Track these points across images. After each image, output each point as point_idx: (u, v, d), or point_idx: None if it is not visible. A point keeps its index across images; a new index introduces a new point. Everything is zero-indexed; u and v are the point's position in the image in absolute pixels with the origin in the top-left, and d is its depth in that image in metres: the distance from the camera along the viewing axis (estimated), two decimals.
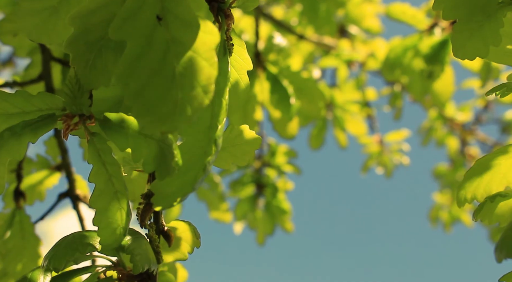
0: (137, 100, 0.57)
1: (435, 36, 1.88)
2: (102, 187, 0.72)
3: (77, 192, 1.32)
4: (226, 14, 0.74)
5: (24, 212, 1.28)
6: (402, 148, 3.07)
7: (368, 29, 2.77)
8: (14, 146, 0.70)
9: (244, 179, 2.51)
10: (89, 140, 0.73)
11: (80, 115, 0.73)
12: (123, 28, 0.59)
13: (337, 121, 2.70)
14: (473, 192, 0.80)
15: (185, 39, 0.58)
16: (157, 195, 0.65)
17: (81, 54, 0.67)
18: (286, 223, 2.50)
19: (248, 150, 0.82)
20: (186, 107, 0.56)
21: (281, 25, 2.61)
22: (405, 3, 1.97)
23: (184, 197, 0.65)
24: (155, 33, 0.59)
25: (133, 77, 0.57)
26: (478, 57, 0.78)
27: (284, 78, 1.70)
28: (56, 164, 1.37)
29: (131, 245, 0.71)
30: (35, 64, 1.41)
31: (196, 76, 0.57)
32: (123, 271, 0.76)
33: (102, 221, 0.71)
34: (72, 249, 0.71)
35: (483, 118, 3.33)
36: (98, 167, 0.72)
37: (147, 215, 0.76)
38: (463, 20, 0.76)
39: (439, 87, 1.97)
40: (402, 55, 1.96)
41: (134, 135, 0.70)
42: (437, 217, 3.52)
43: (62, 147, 1.32)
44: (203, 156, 0.65)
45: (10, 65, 2.81)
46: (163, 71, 0.57)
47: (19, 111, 0.72)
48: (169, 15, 0.59)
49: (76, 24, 0.66)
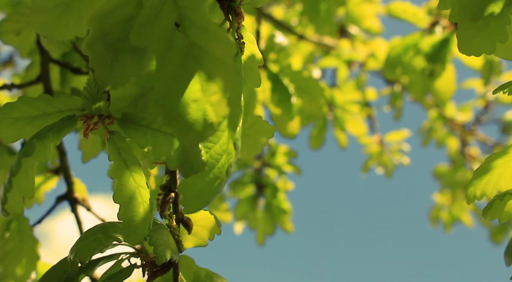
0: (162, 104, 0.59)
1: (436, 35, 1.88)
2: (124, 183, 0.73)
3: (76, 195, 1.32)
4: (236, 12, 0.74)
5: (22, 214, 1.28)
6: (402, 148, 3.07)
7: (368, 29, 2.77)
8: (41, 150, 0.72)
9: (244, 179, 2.51)
10: (109, 139, 0.75)
11: (99, 115, 0.76)
12: (142, 34, 0.62)
13: (337, 121, 2.70)
14: (483, 189, 0.81)
15: (203, 45, 0.60)
16: (185, 197, 0.68)
17: (100, 56, 0.69)
18: (286, 223, 2.50)
19: (262, 139, 0.84)
20: (210, 112, 0.58)
21: (281, 25, 2.61)
22: (406, 2, 1.96)
23: (211, 198, 0.67)
24: (174, 38, 0.61)
25: (156, 82, 0.59)
26: (483, 54, 0.78)
27: (285, 77, 1.69)
28: (54, 167, 1.37)
29: (153, 237, 0.73)
30: (35, 65, 1.41)
31: (217, 80, 0.59)
32: (146, 258, 0.79)
33: (126, 216, 0.72)
34: (97, 242, 0.73)
35: (483, 118, 3.33)
36: (119, 164, 0.74)
37: (167, 206, 0.78)
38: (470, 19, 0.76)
39: (440, 85, 1.97)
40: (403, 54, 1.95)
41: (154, 132, 0.72)
42: (437, 217, 3.52)
43: (60, 150, 1.32)
44: (224, 155, 0.67)
45: (10, 65, 2.81)
46: (185, 75, 0.59)
47: (41, 113, 0.75)
48: (186, 22, 0.61)
49: (94, 26, 0.68)
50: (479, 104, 3.34)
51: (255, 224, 2.54)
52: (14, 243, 1.24)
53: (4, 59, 2.81)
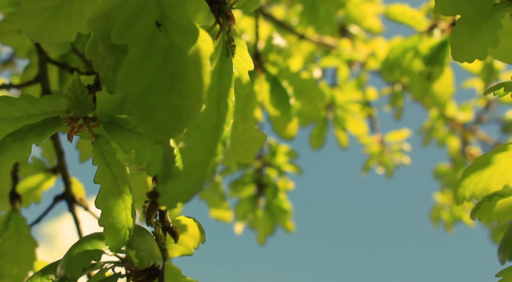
0: (138, 104, 0.57)
1: (434, 38, 1.88)
2: (107, 188, 0.72)
3: (73, 195, 1.32)
4: (227, 15, 0.74)
5: (20, 214, 1.28)
6: (403, 148, 3.07)
7: (369, 28, 2.76)
8: (18, 149, 0.71)
9: (244, 179, 2.51)
10: (94, 142, 0.74)
11: (84, 117, 0.74)
12: (124, 32, 0.60)
13: (337, 121, 2.70)
14: (472, 190, 0.81)
15: (183, 46, 0.59)
16: (163, 196, 0.66)
17: (102, 59, 0.69)
18: (287, 223, 2.50)
19: (252, 147, 0.82)
20: (181, 115, 0.57)
21: (282, 25, 2.61)
22: (405, 4, 1.96)
23: (189, 198, 0.65)
24: (155, 38, 0.59)
25: (135, 82, 0.58)
26: (476, 60, 0.78)
27: (283, 79, 1.69)
28: (52, 167, 1.37)
29: (136, 241, 0.73)
30: (33, 65, 1.41)
31: (193, 84, 0.58)
32: (131, 267, 0.77)
33: (108, 222, 0.72)
34: (87, 257, 0.72)
35: (484, 117, 3.32)
36: (103, 168, 0.73)
37: (153, 213, 0.77)
38: (462, 20, 0.76)
39: (438, 88, 1.97)
40: (402, 56, 1.95)
41: (138, 137, 0.71)
42: (438, 217, 3.52)
43: (58, 150, 1.32)
44: (209, 157, 0.65)
45: (11, 66, 2.81)
46: (163, 76, 0.58)
47: (24, 114, 0.73)
48: (168, 22, 0.60)
49: (93, 28, 0.67)
50: (480, 104, 3.34)
51: (255, 224, 2.54)
52: (11, 243, 1.24)
53: (4, 59, 2.82)
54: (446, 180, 3.47)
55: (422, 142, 3.29)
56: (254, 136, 0.82)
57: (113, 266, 0.78)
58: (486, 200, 0.79)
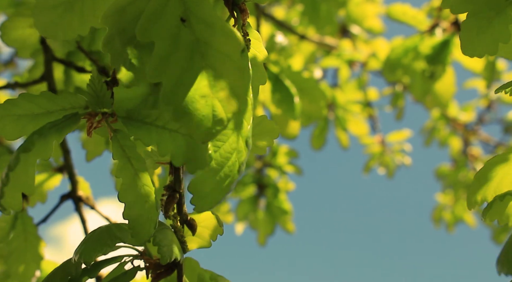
0: (171, 101, 0.58)
1: (436, 37, 1.87)
2: (129, 182, 0.72)
3: (79, 194, 1.31)
4: (241, 8, 0.74)
5: (26, 213, 1.27)
6: (404, 148, 3.06)
7: (370, 29, 2.76)
8: (42, 147, 0.71)
9: (245, 180, 2.51)
10: (113, 137, 0.74)
11: (102, 113, 0.74)
12: (148, 29, 0.61)
13: (338, 121, 2.69)
14: (483, 194, 0.80)
15: (209, 40, 0.60)
16: (195, 197, 0.67)
17: (118, 54, 0.68)
18: (287, 224, 2.50)
19: (267, 140, 0.82)
20: (218, 108, 0.58)
21: (283, 25, 2.61)
22: (406, 4, 1.96)
23: (222, 197, 0.66)
24: (181, 34, 0.60)
25: (163, 78, 0.59)
26: (487, 55, 0.77)
27: (285, 78, 1.69)
28: (58, 166, 1.36)
29: (158, 237, 0.73)
30: (38, 65, 1.40)
31: (225, 76, 0.59)
32: (149, 260, 0.78)
33: (132, 215, 0.72)
34: (101, 243, 0.72)
35: (486, 118, 3.33)
36: (123, 163, 0.73)
37: (171, 206, 0.78)
38: (472, 15, 0.75)
39: (440, 88, 1.97)
40: (403, 56, 1.95)
41: (158, 130, 0.71)
42: (440, 217, 3.52)
43: (64, 148, 1.32)
44: (235, 153, 0.66)
45: (12, 66, 2.80)
46: (192, 71, 0.58)
47: (44, 111, 0.73)
48: (192, 17, 0.61)
49: (109, 23, 0.67)
50: (481, 104, 3.34)
51: (256, 225, 2.54)
52: (18, 242, 1.24)
53: (5, 59, 2.81)
54: (448, 180, 3.47)
55: (423, 142, 3.29)
56: (268, 128, 0.82)
57: (132, 259, 0.78)
58: (498, 200, 0.78)
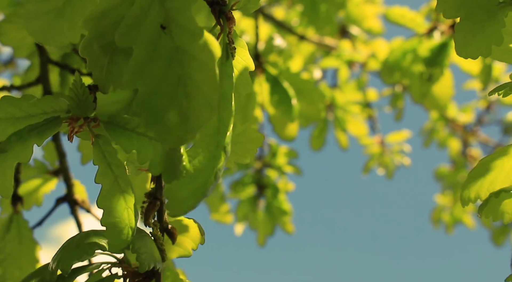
0: (145, 106, 0.58)
1: (434, 39, 1.87)
2: (108, 188, 0.72)
3: (75, 197, 1.31)
4: (227, 16, 0.74)
5: (21, 217, 1.27)
6: (403, 149, 3.06)
7: (369, 29, 2.76)
8: (21, 150, 0.71)
9: (244, 180, 2.51)
10: (94, 142, 0.74)
11: (84, 117, 0.74)
12: (128, 35, 0.60)
13: (338, 122, 2.69)
14: (477, 192, 0.81)
15: (188, 49, 0.59)
16: (171, 201, 0.66)
17: (96, 58, 0.68)
18: (287, 224, 2.50)
19: (251, 148, 0.82)
20: (190, 117, 0.57)
21: (282, 26, 2.61)
22: (404, 7, 1.96)
23: (197, 203, 0.66)
24: (160, 41, 0.59)
25: (140, 84, 0.58)
26: (480, 57, 0.78)
27: (283, 80, 1.69)
28: (53, 169, 1.36)
29: (137, 244, 0.72)
30: (35, 66, 1.40)
31: (200, 85, 0.58)
32: (128, 268, 0.77)
33: (110, 221, 0.71)
34: (80, 250, 0.71)
35: (485, 119, 3.33)
36: (103, 168, 0.73)
37: (151, 214, 0.77)
38: (465, 19, 0.76)
39: (438, 90, 1.97)
40: (401, 58, 1.95)
41: (139, 137, 0.71)
42: (439, 218, 3.52)
43: (60, 151, 1.32)
44: (213, 160, 0.66)
45: (12, 66, 2.81)
46: (169, 78, 0.58)
47: (25, 114, 0.72)
48: (173, 25, 0.60)
49: (89, 27, 0.67)
50: (480, 105, 3.34)
51: (255, 225, 2.54)
52: (13, 245, 1.23)
53: (5, 59, 2.82)
54: (447, 181, 3.47)
55: (423, 143, 3.29)
56: (252, 137, 0.82)
57: (110, 266, 0.77)
58: (493, 196, 0.80)
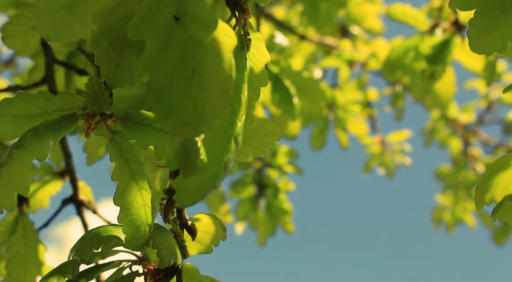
0: (159, 100, 0.57)
1: (436, 37, 1.87)
2: (125, 185, 0.72)
3: (81, 198, 1.30)
4: (243, 8, 0.73)
5: (27, 218, 1.26)
6: (404, 148, 3.06)
7: (370, 29, 2.76)
8: (38, 147, 0.71)
9: (245, 180, 2.51)
10: (111, 139, 0.73)
11: (101, 114, 0.74)
12: (141, 27, 0.59)
13: (338, 122, 2.69)
14: (492, 194, 0.80)
15: (202, 40, 0.58)
16: (179, 193, 0.65)
17: (104, 53, 0.68)
18: (287, 224, 2.50)
19: (269, 141, 0.82)
20: (205, 109, 0.56)
21: (282, 25, 2.60)
22: (406, 4, 1.96)
23: (205, 195, 0.65)
24: (173, 33, 0.58)
25: (153, 77, 0.58)
26: (485, 56, 0.77)
27: (285, 78, 1.69)
28: (59, 170, 1.35)
29: (157, 240, 0.72)
30: (39, 67, 1.40)
31: (215, 77, 0.57)
32: (148, 265, 0.77)
33: (127, 219, 0.71)
34: (98, 240, 0.71)
35: (486, 119, 3.33)
36: (120, 165, 0.72)
37: (170, 211, 0.76)
38: (479, 13, 0.75)
39: (440, 88, 1.96)
40: (403, 56, 1.95)
41: (156, 132, 0.71)
42: (440, 218, 3.52)
43: (65, 152, 1.31)
44: (223, 152, 0.65)
45: (12, 66, 2.80)
46: (182, 71, 0.57)
47: (41, 111, 0.72)
48: (186, 15, 0.59)
49: (98, 22, 0.66)
50: (481, 105, 3.34)
51: (256, 225, 2.54)
52: (19, 247, 1.22)
53: (5, 59, 2.81)
54: (448, 181, 3.47)
55: (423, 143, 3.29)
56: (270, 130, 0.82)
57: (131, 264, 0.77)
58: (507, 200, 0.78)
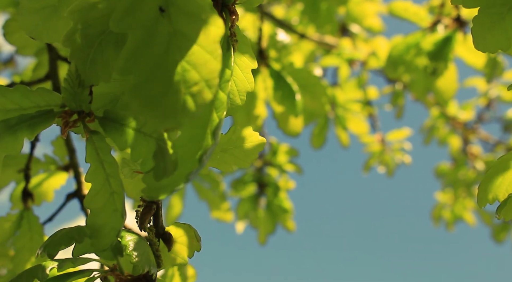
0: (138, 95, 0.55)
1: (438, 33, 1.87)
2: (98, 187, 0.70)
3: (85, 193, 1.31)
4: (230, 10, 0.73)
5: (32, 212, 1.26)
6: (404, 147, 3.07)
7: (370, 27, 2.76)
8: (10, 142, 0.69)
9: (245, 178, 2.51)
10: (88, 138, 0.72)
11: (79, 112, 0.72)
12: (124, 20, 0.57)
13: (338, 120, 2.69)
14: (495, 192, 0.79)
15: (188, 32, 0.56)
16: (147, 188, 0.63)
17: (80, 49, 0.66)
18: (288, 222, 2.50)
19: (251, 152, 0.80)
20: (189, 102, 0.55)
21: (282, 24, 2.60)
22: (407, 1, 1.96)
23: (175, 189, 0.63)
24: (158, 26, 0.57)
25: (134, 71, 0.56)
26: (487, 53, 0.78)
27: (287, 75, 1.69)
28: (64, 164, 1.36)
29: (131, 247, 0.70)
30: (42, 64, 1.40)
31: (200, 70, 0.56)
32: (120, 276, 0.75)
33: (96, 223, 0.69)
34: (69, 237, 0.69)
35: (485, 116, 3.33)
36: (95, 166, 0.71)
37: (147, 218, 0.75)
38: (484, 10, 0.75)
39: (442, 84, 1.97)
40: (405, 52, 1.95)
41: (134, 133, 0.69)
42: (439, 216, 3.52)
43: (69, 147, 1.31)
44: (199, 150, 0.63)
45: (12, 65, 2.80)
46: (166, 65, 0.55)
47: (17, 107, 0.70)
48: (172, 7, 0.57)
49: (75, 18, 0.64)
50: (481, 103, 3.35)
51: (256, 223, 2.54)
52: (24, 241, 1.23)
53: (5, 58, 2.81)
54: (447, 179, 3.48)
55: (423, 141, 3.30)
56: (253, 140, 0.80)
57: (102, 274, 0.75)
58: None
